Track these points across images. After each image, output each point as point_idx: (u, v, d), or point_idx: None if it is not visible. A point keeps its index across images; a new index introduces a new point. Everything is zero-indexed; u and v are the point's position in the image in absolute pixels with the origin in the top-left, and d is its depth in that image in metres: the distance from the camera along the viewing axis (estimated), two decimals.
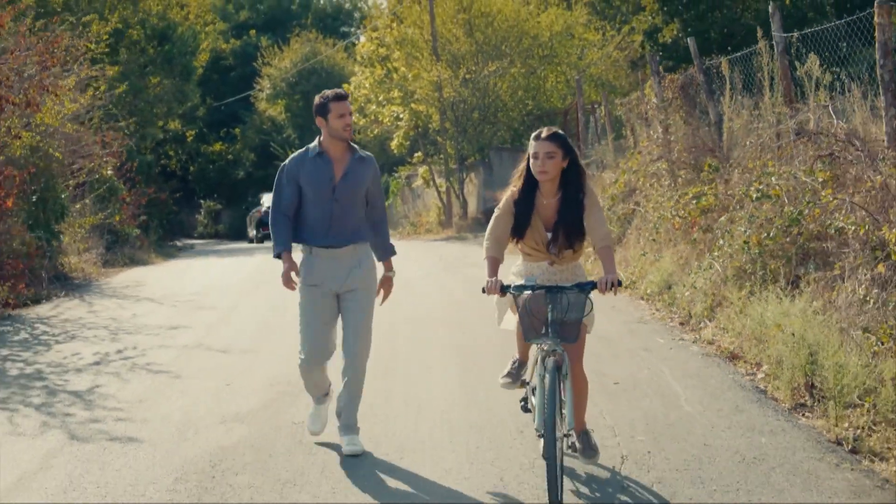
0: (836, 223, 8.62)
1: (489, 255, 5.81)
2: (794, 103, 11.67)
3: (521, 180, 5.91)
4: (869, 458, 5.84)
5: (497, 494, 5.54)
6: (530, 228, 5.86)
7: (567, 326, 5.51)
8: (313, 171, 6.40)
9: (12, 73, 12.46)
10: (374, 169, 6.62)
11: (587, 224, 5.80)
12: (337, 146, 6.42)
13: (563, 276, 5.93)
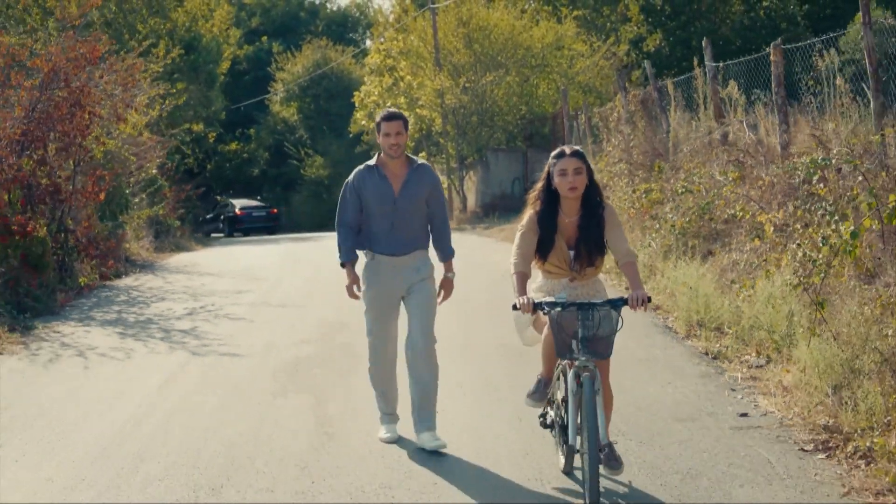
0: (732, 211, 11.82)
1: (517, 270, 5.80)
2: (722, 118, 14.87)
3: (540, 201, 5.98)
4: (721, 361, 9.01)
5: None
6: (554, 248, 5.92)
7: (598, 342, 5.51)
8: (374, 189, 6.70)
9: (103, 93, 15.68)
10: (432, 176, 6.86)
11: (609, 240, 5.86)
12: (392, 162, 6.71)
13: (583, 291, 6.01)
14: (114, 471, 6.41)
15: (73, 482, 6.21)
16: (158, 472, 6.33)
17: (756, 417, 7.16)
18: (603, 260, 6.00)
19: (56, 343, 10.77)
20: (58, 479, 6.30)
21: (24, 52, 14.99)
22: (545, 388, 6.17)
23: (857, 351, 6.90)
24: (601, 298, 5.88)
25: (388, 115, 6.67)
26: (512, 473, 6.21)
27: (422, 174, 6.75)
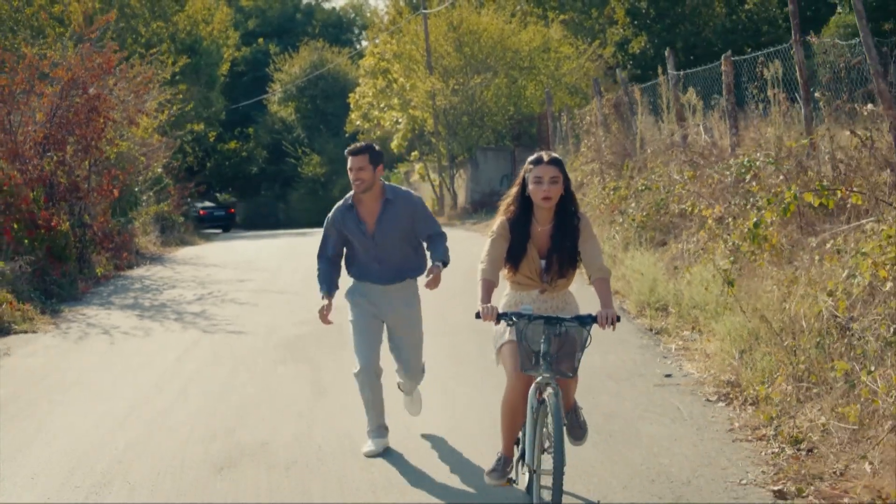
0: (684, 206, 13.25)
1: (484, 277, 5.53)
2: (683, 121, 16.29)
3: (515, 206, 5.71)
4: (662, 335, 10.43)
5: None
6: (525, 257, 5.65)
7: (564, 360, 5.28)
8: (349, 225, 6.66)
9: (117, 100, 17.12)
10: (410, 203, 6.67)
11: (582, 252, 5.63)
12: (365, 196, 6.59)
13: (553, 304, 5.76)
14: (145, 422, 7.84)
15: (112, 431, 7.64)
16: (182, 422, 7.76)
17: (678, 378, 8.59)
18: (575, 272, 5.72)
19: (83, 323, 12.22)
20: (101, 428, 7.73)
21: (46, 64, 16.38)
22: (505, 467, 5.72)
23: (759, 322, 8.32)
24: (571, 313, 5.68)
25: (352, 149, 6.52)
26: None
27: (397, 206, 6.58)
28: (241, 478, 6.40)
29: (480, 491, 6.07)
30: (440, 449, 6.99)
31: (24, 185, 14.89)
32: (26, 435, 7.54)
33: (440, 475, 6.42)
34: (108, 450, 7.09)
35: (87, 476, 6.51)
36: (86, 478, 6.48)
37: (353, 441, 7.13)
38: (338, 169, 47.88)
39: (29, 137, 15.72)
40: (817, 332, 7.10)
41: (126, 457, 6.90)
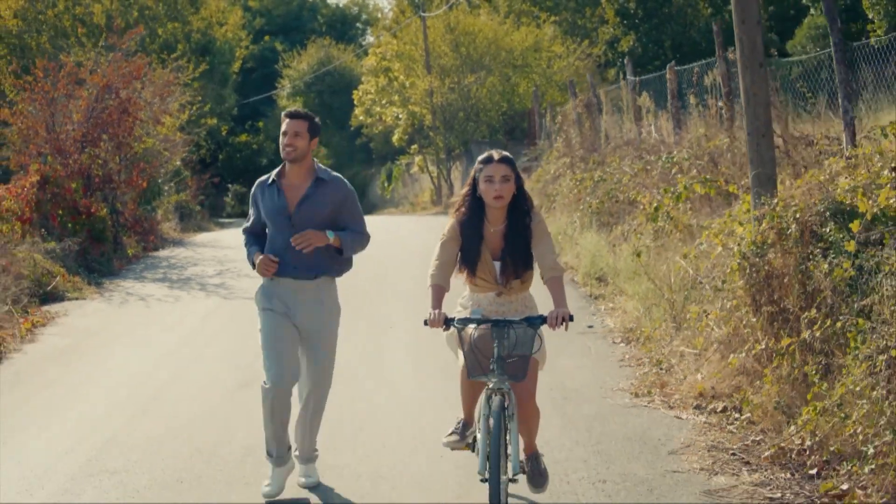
0: (630, 194, 15.61)
1: (434, 283, 5.43)
2: (640, 121, 18.64)
3: (465, 208, 5.61)
4: (598, 300, 12.77)
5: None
6: (480, 260, 5.53)
7: (515, 363, 5.18)
8: (268, 201, 6.09)
9: (144, 102, 19.55)
10: (343, 191, 6.14)
11: (535, 252, 5.51)
12: (293, 170, 6.07)
13: (511, 307, 5.60)
14: (180, 363, 10.23)
15: (155, 369, 10.04)
16: (211, 361, 10.17)
17: (598, 328, 10.96)
18: (532, 273, 5.59)
19: (122, 293, 14.65)
20: (146, 367, 10.15)
21: (84, 72, 18.80)
22: (465, 431, 5.75)
23: (660, 284, 10.68)
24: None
25: (291, 112, 6.05)
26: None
27: (326, 189, 6.06)
28: (256, 393, 8.82)
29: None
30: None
31: (67, 178, 17.29)
32: (87, 374, 9.92)
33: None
34: (153, 381, 9.47)
35: (138, 401, 8.91)
36: (137, 402, 8.87)
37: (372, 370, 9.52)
38: (343, 161, 50.26)
39: (69, 136, 18.12)
40: (686, 287, 9.49)
41: (168, 385, 9.27)
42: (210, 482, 6.41)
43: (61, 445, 7.31)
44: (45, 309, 13.19)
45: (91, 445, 7.30)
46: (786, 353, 6.98)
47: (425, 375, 9.06)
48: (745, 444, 6.63)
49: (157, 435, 7.53)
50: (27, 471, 6.74)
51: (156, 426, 7.79)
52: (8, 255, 13.99)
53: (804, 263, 7.25)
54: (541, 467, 5.65)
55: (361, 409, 8.08)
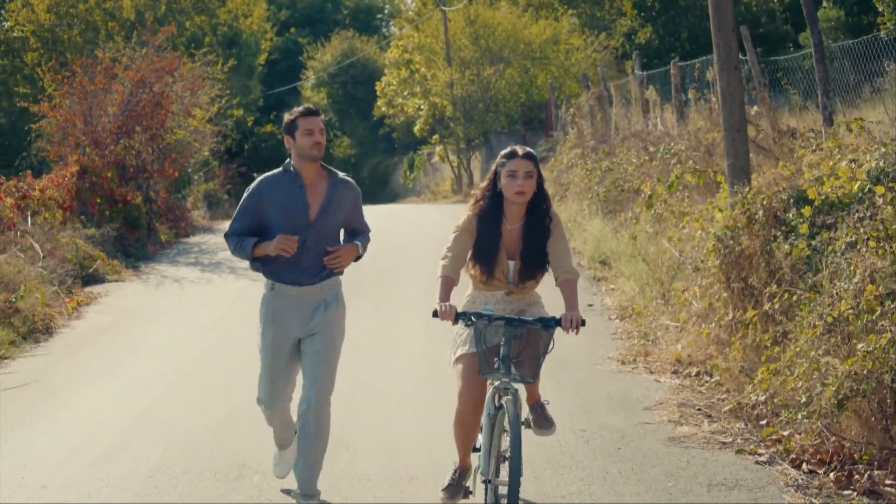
0: (634, 183, 16.53)
1: (444, 274, 5.25)
2: (647, 113, 19.54)
3: (484, 202, 5.42)
4: (600, 281, 13.71)
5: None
6: (497, 259, 5.37)
7: (524, 364, 5.05)
8: (284, 197, 5.66)
9: (175, 95, 20.60)
10: (356, 192, 5.91)
11: (551, 254, 5.36)
12: (309, 169, 5.70)
13: (518, 306, 5.47)
14: (215, 337, 11.26)
15: (193, 342, 11.06)
16: (242, 337, 11.16)
17: (597, 306, 11.90)
18: (543, 274, 5.48)
19: (158, 275, 15.71)
20: (183, 341, 11.18)
21: (119, 67, 19.86)
22: (461, 481, 5.49)
23: (653, 266, 11.61)
24: (536, 314, 5.40)
25: (307, 110, 5.70)
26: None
27: (346, 190, 5.81)
28: None
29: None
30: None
31: (104, 168, 18.36)
32: (130, 346, 10.96)
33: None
34: (192, 352, 10.50)
35: (179, 369, 9.93)
36: (178, 370, 9.90)
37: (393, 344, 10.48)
38: (367, 150, 51.28)
39: (105, 128, 19.19)
40: (673, 268, 10.44)
41: (205, 356, 10.29)
42: (246, 431, 7.39)
43: (113, 405, 8.34)
44: (88, 290, 14.25)
45: (139, 405, 8.32)
46: (750, 323, 7.92)
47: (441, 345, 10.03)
48: (710, 402, 7.59)
49: (197, 396, 8.54)
50: (87, 425, 7.76)
51: (196, 388, 8.81)
52: (52, 240, 15.07)
53: (769, 245, 8.19)
54: (546, 413, 5.67)
55: (378, 377, 9.05)
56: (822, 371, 6.35)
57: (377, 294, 12.94)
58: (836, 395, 6.07)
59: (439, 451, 6.61)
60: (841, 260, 7.07)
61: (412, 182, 44.60)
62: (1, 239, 14.08)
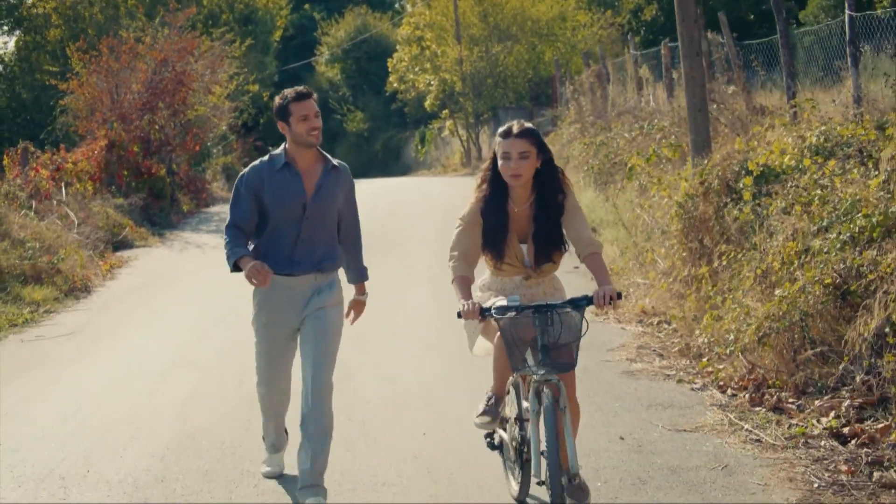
0: (625, 157, 17.69)
1: (458, 275, 5.00)
2: (641, 91, 20.68)
3: (487, 186, 5.14)
4: None
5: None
6: (507, 243, 5.09)
7: (560, 351, 4.74)
8: (280, 187, 5.42)
9: (196, 73, 21.84)
10: (350, 180, 5.68)
11: (567, 230, 5.06)
12: (304, 155, 5.45)
13: (539, 290, 5.23)
14: (240, 293, 12.50)
15: (218, 298, 12.32)
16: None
17: (582, 269, 13.09)
18: (563, 254, 5.21)
19: (181, 241, 17.00)
20: (209, 297, 12.45)
21: (144, 48, 21.11)
22: (497, 407, 5.25)
23: (631, 231, 12.79)
24: (560, 299, 5.16)
25: (298, 94, 5.40)
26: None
27: (339, 176, 5.57)
28: None
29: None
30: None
31: (130, 142, 19.63)
32: (161, 303, 12.24)
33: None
34: (215, 306, 11.75)
35: (205, 321, 11.19)
36: (204, 322, 11.15)
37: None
38: (379, 125, 52.41)
39: (131, 104, 20.44)
40: (646, 232, 11.66)
41: (227, 310, 11.52)
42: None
43: (150, 349, 9.61)
44: (119, 254, 15.55)
45: (172, 349, 9.58)
46: (703, 278, 9.13)
47: (443, 307, 11.27)
48: (664, 344, 8.82)
49: (222, 340, 9.80)
50: (129, 365, 9.03)
51: (221, 334, 10.07)
52: (85, 208, 16.37)
53: (721, 210, 9.39)
54: (583, 483, 4.89)
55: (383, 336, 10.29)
56: (748, 314, 7.56)
57: (386, 258, 14.14)
58: (757, 333, 7.29)
59: (432, 384, 7.87)
60: (775, 222, 8.27)
61: (423, 155, 45.76)
62: (40, 207, 15.35)
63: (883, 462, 5.62)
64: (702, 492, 5.48)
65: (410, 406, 7.40)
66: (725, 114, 12.16)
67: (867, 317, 6.44)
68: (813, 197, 7.90)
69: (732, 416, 6.74)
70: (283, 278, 5.46)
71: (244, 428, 6.90)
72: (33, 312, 11.48)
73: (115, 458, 6.38)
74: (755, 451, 6.05)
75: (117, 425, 7.13)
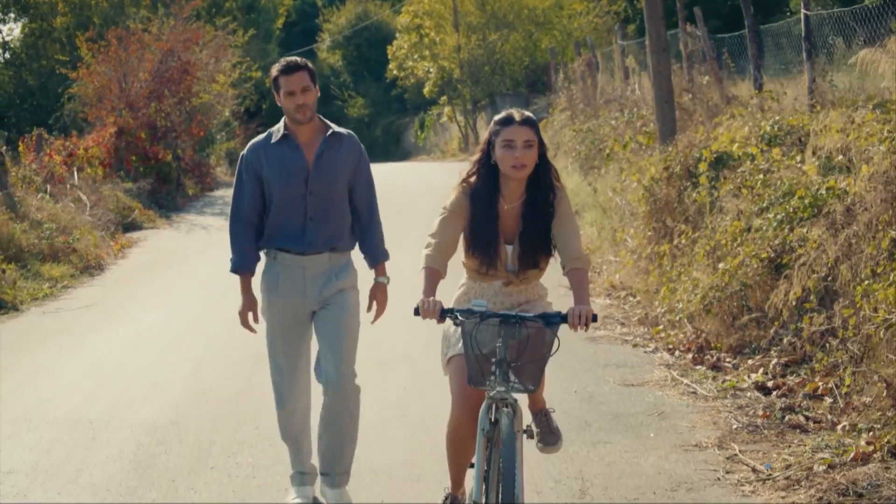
0: (609, 144, 18.59)
1: (428, 265, 4.46)
2: (627, 80, 21.55)
3: (477, 177, 4.63)
4: None
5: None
6: (496, 246, 4.60)
7: (524, 369, 4.28)
8: (279, 160, 5.08)
9: (201, 62, 22.75)
10: (359, 149, 5.23)
11: (557, 236, 4.59)
12: (302, 129, 5.10)
13: (519, 298, 4.74)
14: None
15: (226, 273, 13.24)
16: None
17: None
18: (549, 259, 4.75)
19: (188, 224, 17.94)
20: (216, 274, 13.36)
21: (151, 38, 22.02)
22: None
23: (608, 213, 13.69)
24: (541, 308, 4.71)
25: (287, 66, 5.05)
26: None
27: (345, 144, 5.18)
28: None
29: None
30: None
31: (138, 128, 20.56)
32: (170, 279, 13.17)
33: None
34: (221, 282, 12.55)
35: (212, 296, 12.09)
36: (211, 297, 12.06)
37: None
38: (380, 110, 53.30)
39: (138, 93, 21.36)
40: (619, 213, 12.58)
41: (233, 285, 12.42)
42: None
43: (162, 320, 10.55)
44: (128, 235, 16.49)
45: (182, 320, 10.51)
46: (664, 255, 10.06)
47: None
48: (627, 315, 9.76)
49: (230, 312, 10.65)
50: (142, 334, 9.95)
51: (227, 307, 10.88)
52: (96, 192, 17.31)
53: (682, 193, 10.31)
54: (552, 425, 4.90)
55: None
56: (696, 286, 8.50)
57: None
58: (703, 302, 8.22)
59: (412, 347, 8.80)
60: (726, 203, 9.19)
61: (423, 141, 46.64)
62: (54, 191, 16.28)
63: (794, 408, 6.55)
64: (637, 433, 6.43)
65: (393, 366, 8.32)
66: (699, 103, 13.02)
67: (787, 285, 7.37)
68: (756, 181, 8.82)
69: (675, 374, 7.68)
70: (295, 257, 5.15)
71: (247, 383, 7.82)
72: (52, 287, 12.40)
73: (135, 407, 7.32)
74: (690, 401, 7.00)
75: (135, 381, 8.07)
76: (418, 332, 9.38)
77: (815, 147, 8.73)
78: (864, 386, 6.28)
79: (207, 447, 6.43)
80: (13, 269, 12.27)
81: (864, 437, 5.73)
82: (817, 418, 6.33)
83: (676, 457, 5.97)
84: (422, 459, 6.07)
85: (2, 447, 6.52)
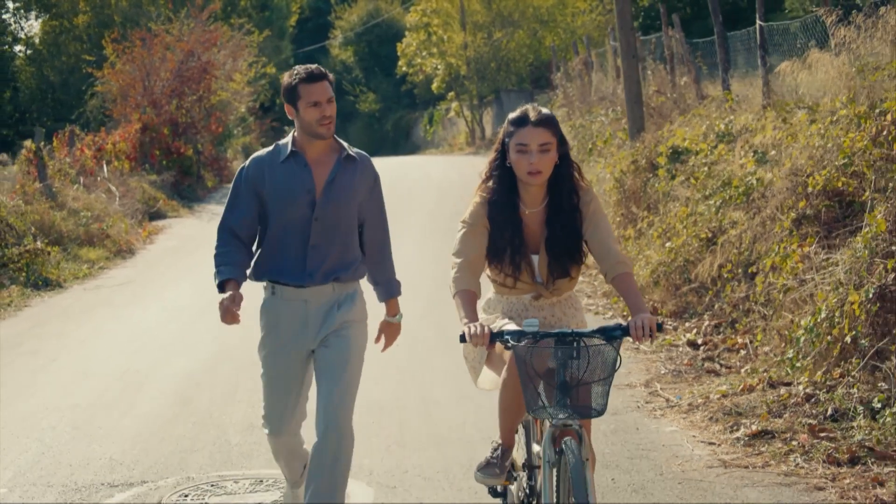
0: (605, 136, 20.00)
1: (461, 288, 4.14)
2: (618, 78, 22.94)
3: (494, 182, 4.31)
4: None
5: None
6: (524, 257, 4.27)
7: (586, 391, 3.87)
8: (284, 180, 4.56)
9: (219, 62, 24.26)
10: (373, 174, 4.73)
11: (590, 241, 4.26)
12: (315, 144, 4.60)
13: (552, 312, 4.39)
14: None
15: None
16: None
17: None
18: (580, 268, 4.39)
19: (209, 213, 19.45)
20: None
21: (172, 40, 23.53)
22: (504, 460, 4.39)
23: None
24: (577, 325, 4.33)
25: (310, 74, 4.55)
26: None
27: (358, 168, 4.68)
28: None
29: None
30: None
31: (161, 125, 22.08)
32: (195, 262, 14.60)
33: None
34: None
35: None
36: None
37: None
38: (390, 105, 54.73)
39: (161, 91, 22.88)
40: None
41: None
42: None
43: (189, 296, 12.02)
44: (154, 223, 18.01)
45: (210, 295, 11.85)
46: (631, 238, 11.50)
47: (427, 260, 13.62)
48: (595, 289, 11.20)
49: (251, 292, 12.17)
50: (171, 309, 11.43)
51: (248, 287, 12.46)
52: (124, 184, 18.83)
53: (646, 184, 11.75)
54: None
55: None
56: (647, 262, 9.95)
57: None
58: (652, 276, 9.68)
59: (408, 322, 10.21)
60: (678, 192, 10.63)
61: (431, 135, 48.10)
62: (86, 183, 17.80)
63: (713, 359, 7.99)
64: None
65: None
66: (677, 102, 14.42)
67: (713, 258, 8.82)
68: (702, 173, 10.26)
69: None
70: (294, 290, 4.67)
71: None
72: (90, 268, 13.90)
73: (173, 361, 8.83)
74: (630, 355, 8.42)
75: (171, 342, 9.59)
76: (413, 306, 10.85)
77: (752, 143, 10.17)
78: (770, 339, 7.72)
79: (234, 387, 7.91)
80: (56, 252, 13.77)
81: (758, 376, 7.18)
82: (730, 366, 7.78)
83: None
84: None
85: (66, 391, 8.02)
